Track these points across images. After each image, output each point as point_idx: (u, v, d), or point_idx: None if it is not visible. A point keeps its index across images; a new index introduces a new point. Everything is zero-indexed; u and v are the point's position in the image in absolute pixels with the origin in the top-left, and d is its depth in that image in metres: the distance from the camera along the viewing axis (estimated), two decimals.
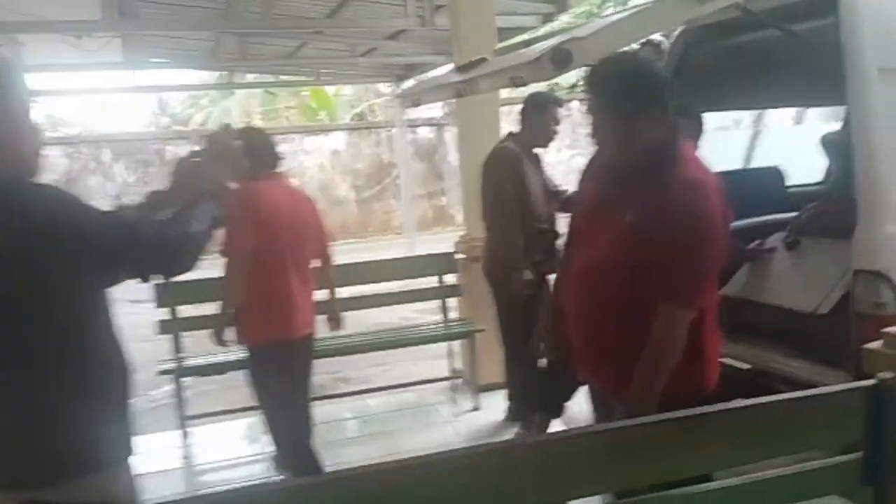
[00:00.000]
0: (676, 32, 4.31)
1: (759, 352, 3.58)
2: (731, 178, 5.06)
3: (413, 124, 15.54)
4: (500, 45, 4.85)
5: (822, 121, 6.18)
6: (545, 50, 2.61)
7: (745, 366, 3.61)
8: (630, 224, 2.20)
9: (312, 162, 16.66)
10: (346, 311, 5.22)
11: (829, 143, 4.85)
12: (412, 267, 5.73)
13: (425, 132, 17.01)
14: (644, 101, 2.18)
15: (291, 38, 8.29)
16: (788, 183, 4.93)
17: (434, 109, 16.95)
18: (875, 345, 2.41)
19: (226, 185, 1.72)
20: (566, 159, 17.40)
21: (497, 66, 2.95)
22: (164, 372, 4.42)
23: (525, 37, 5.89)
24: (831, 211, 3.84)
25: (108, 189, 14.72)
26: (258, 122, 20.05)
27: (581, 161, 2.62)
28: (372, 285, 5.43)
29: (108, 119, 21.45)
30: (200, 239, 1.58)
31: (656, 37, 4.41)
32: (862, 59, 3.05)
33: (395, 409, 5.22)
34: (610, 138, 2.28)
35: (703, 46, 4.19)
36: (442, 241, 7.42)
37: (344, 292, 4.87)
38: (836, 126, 5.43)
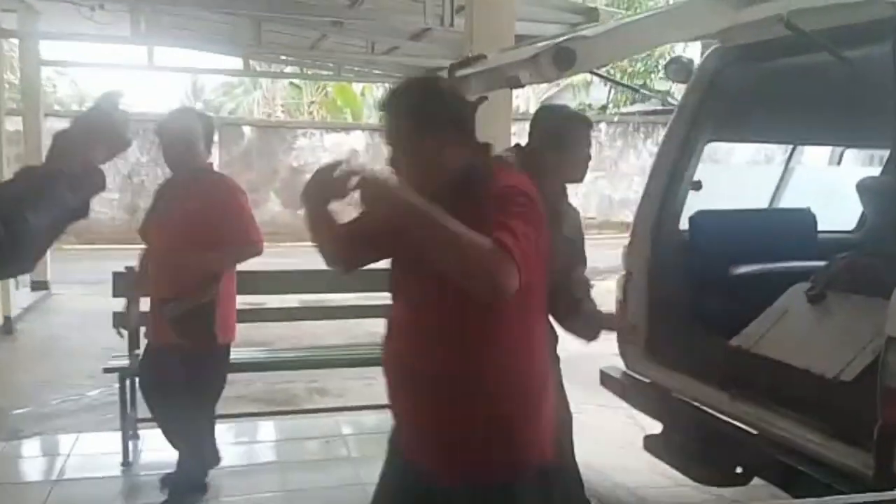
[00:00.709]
0: (709, 50, 3.90)
1: (768, 415, 3.15)
2: (757, 217, 4.73)
3: None
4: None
5: (860, 164, 5.73)
6: (546, 48, 2.22)
7: (753, 431, 3.19)
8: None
9: (330, 160, 16.32)
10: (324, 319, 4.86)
11: (865, 188, 4.40)
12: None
13: None
14: (442, 125, 1.88)
15: (310, 27, 7.98)
16: (820, 228, 4.47)
17: None
18: None
19: (98, 164, 1.33)
20: (589, 181, 16.98)
21: (491, 64, 2.56)
22: (110, 370, 4.05)
23: None
24: (865, 265, 3.40)
25: (120, 167, 14.49)
26: (279, 115, 19.87)
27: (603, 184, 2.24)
28: (360, 293, 5.03)
29: (133, 97, 21.33)
30: (35, 236, 1.20)
31: (685, 56, 4.01)
32: None
33: (366, 432, 4.82)
34: (412, 168, 1.92)
35: (737, 68, 3.77)
36: None
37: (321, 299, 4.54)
38: (875, 170, 5.00)
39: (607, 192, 17.35)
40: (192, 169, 3.55)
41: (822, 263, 3.90)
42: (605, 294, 11.39)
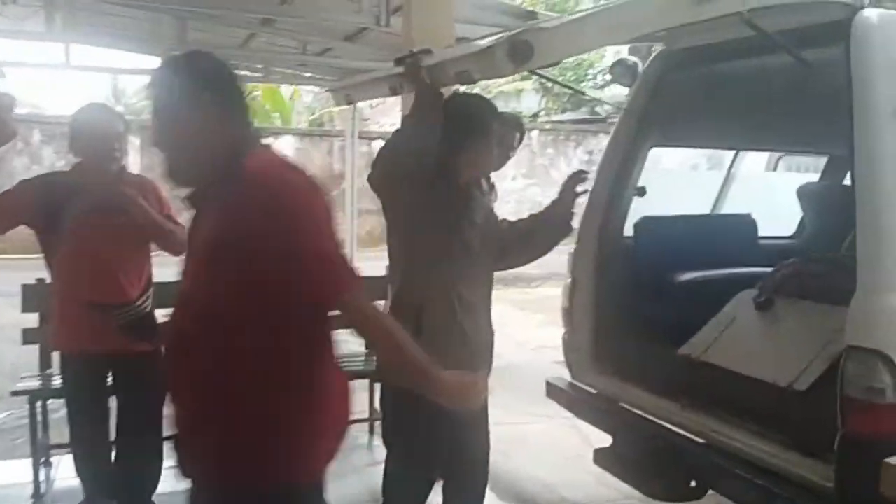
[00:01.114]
0: (655, 53, 3.83)
1: (722, 426, 3.07)
2: (700, 223, 4.71)
3: (367, 136, 14.95)
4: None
5: (794, 170, 5.81)
6: (500, 40, 2.07)
7: (706, 442, 3.10)
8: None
9: None
10: None
11: (806, 194, 4.43)
12: None
13: (380, 145, 16.44)
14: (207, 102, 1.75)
15: (239, 25, 7.66)
16: (761, 233, 4.46)
17: (393, 117, 16.39)
18: None
19: None
20: (520, 188, 17.03)
21: (439, 58, 2.40)
22: (18, 393, 3.68)
23: None
24: (812, 271, 3.37)
25: (34, 172, 13.72)
26: None
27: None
28: None
29: (49, 98, 20.36)
30: None
31: (630, 58, 3.93)
32: (874, 97, 2.59)
33: None
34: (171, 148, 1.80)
35: (683, 71, 3.71)
36: (385, 261, 6.82)
37: None
38: (807, 176, 5.06)
39: (539, 199, 17.39)
40: (117, 169, 3.34)
41: (765, 269, 3.88)
42: (542, 300, 11.36)
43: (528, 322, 9.01)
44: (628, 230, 3.99)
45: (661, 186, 4.17)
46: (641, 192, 3.93)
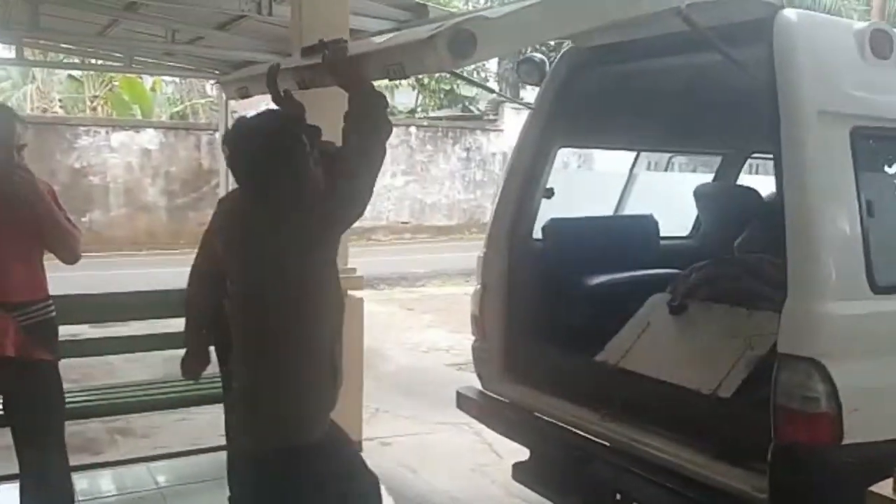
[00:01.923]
0: (563, 51, 3.71)
1: (644, 436, 2.98)
2: (606, 224, 4.67)
3: None
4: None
5: (689, 169, 5.93)
6: (440, 31, 1.83)
7: (630, 453, 3.00)
8: None
9: (119, 160, 14.85)
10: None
11: (702, 195, 4.47)
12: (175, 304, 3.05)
13: None
14: None
15: (99, 10, 6.96)
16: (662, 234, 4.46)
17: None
18: (883, 488, 1.80)
19: None
20: (400, 185, 16.83)
21: (364, 48, 2.13)
22: None
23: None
24: (724, 274, 3.36)
25: None
26: (58, 111, 17.83)
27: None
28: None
29: None
30: None
31: (537, 55, 3.80)
32: (799, 99, 2.55)
33: (187, 481, 4.13)
34: None
35: (591, 70, 3.61)
36: None
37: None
38: (705, 177, 5.15)
39: (419, 196, 17.30)
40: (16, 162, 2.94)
41: (671, 271, 3.87)
42: (429, 300, 11.17)
43: (417, 323, 8.82)
44: (537, 233, 3.86)
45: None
46: (550, 193, 3.82)
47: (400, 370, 6.79)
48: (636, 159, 4.65)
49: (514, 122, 18.65)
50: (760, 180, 4.83)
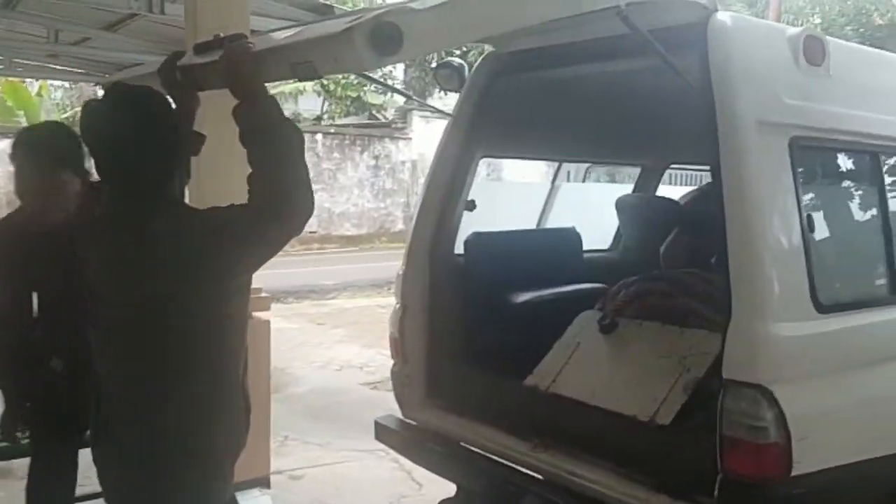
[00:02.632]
0: (483, 56, 3.50)
1: (580, 467, 2.78)
2: (529, 238, 4.48)
3: None
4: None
5: (606, 180, 5.84)
6: (359, 22, 1.56)
7: (557, 484, 2.80)
8: None
9: (2, 170, 13.77)
10: None
11: (625, 206, 4.36)
12: None
13: None
14: None
15: None
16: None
17: None
18: None
19: None
20: None
21: (267, 43, 1.82)
22: None
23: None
24: (654, 290, 3.21)
25: None
26: None
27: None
28: None
29: None
30: None
31: (455, 59, 3.58)
32: (738, 107, 2.41)
33: None
34: None
35: (512, 77, 3.41)
36: None
37: None
38: (624, 187, 5.05)
39: (327, 205, 16.85)
40: None
41: (598, 286, 3.72)
42: (339, 314, 10.76)
43: (327, 339, 8.45)
44: (459, 248, 3.63)
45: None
46: (471, 206, 3.60)
47: (311, 391, 6.42)
48: (558, 170, 4.49)
49: (422, 129, 18.48)
50: (674, 190, 4.79)
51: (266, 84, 1.86)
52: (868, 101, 2.81)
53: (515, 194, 5.92)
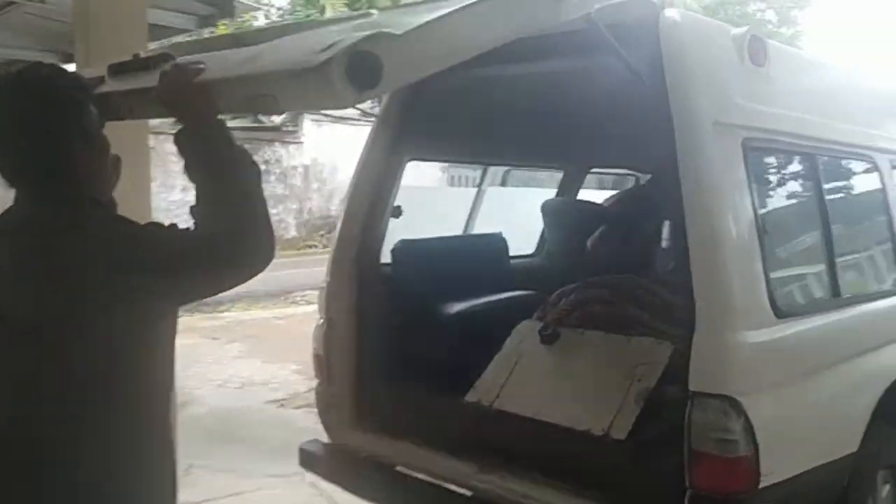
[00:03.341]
0: None
1: (532, 488, 2.63)
2: (458, 245, 4.30)
3: None
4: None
5: (521, 183, 5.75)
6: (336, 55, 1.33)
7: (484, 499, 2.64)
8: None
9: None
10: None
11: (551, 210, 4.27)
12: None
13: None
14: None
15: None
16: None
17: None
18: None
19: None
20: (191, 200, 15.54)
21: (219, 73, 1.51)
22: None
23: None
24: (597, 297, 3.11)
25: None
26: None
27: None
28: None
29: None
30: None
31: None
32: (695, 108, 2.32)
33: None
34: None
35: (441, 76, 3.21)
36: None
37: None
38: (544, 192, 4.97)
39: None
40: None
41: (529, 293, 3.60)
42: (234, 327, 10.22)
43: (224, 354, 7.97)
44: (385, 257, 3.42)
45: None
46: (398, 212, 3.39)
47: (211, 412, 5.98)
48: (484, 173, 4.35)
49: (315, 133, 18.04)
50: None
51: None
52: (804, 104, 2.81)
53: (431, 199, 5.73)
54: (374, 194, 3.25)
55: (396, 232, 3.49)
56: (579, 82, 3.27)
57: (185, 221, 1.57)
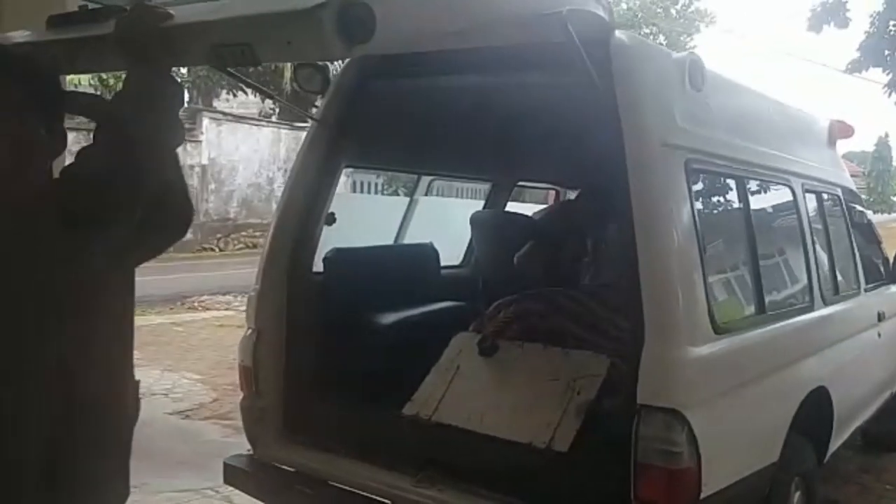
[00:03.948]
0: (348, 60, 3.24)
1: (467, 501, 2.61)
2: (390, 254, 4.23)
3: None
4: None
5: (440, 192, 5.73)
6: (324, 1, 1.27)
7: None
8: None
9: None
10: None
11: (479, 222, 4.28)
12: None
13: None
14: None
15: None
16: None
17: None
18: None
19: None
20: None
21: (190, 16, 1.42)
22: None
23: None
24: (533, 309, 3.14)
25: None
26: None
27: None
28: None
29: None
30: None
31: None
32: (645, 129, 2.38)
33: None
34: None
35: (382, 82, 3.18)
36: None
37: None
38: (469, 201, 4.99)
39: None
40: None
41: (462, 304, 3.60)
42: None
43: None
44: (318, 265, 3.33)
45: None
46: (331, 219, 3.30)
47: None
48: (417, 182, 4.31)
49: (214, 133, 17.48)
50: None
51: None
52: (735, 128, 2.95)
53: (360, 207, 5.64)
54: (308, 200, 3.16)
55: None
56: (517, 96, 3.31)
57: None
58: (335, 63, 4.25)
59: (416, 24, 1.51)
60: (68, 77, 15.71)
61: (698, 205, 2.58)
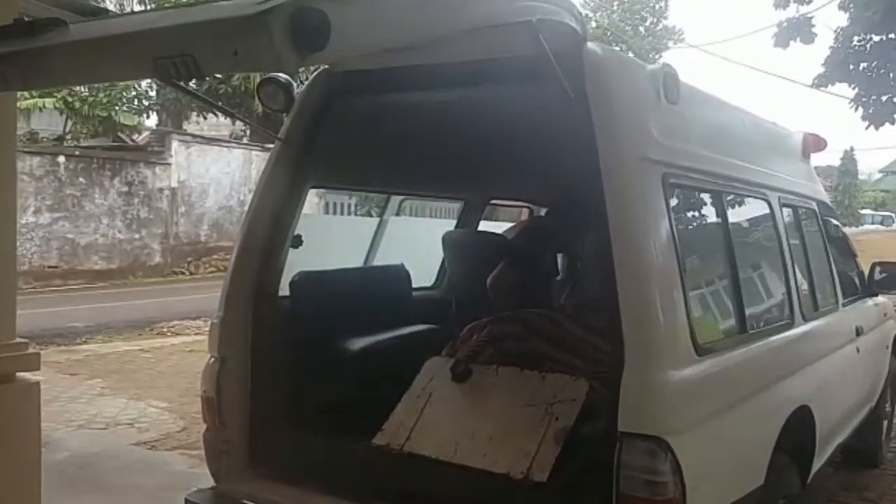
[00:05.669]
0: (314, 75, 3.13)
1: None
2: (360, 277, 4.11)
3: None
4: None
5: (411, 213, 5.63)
6: (275, 8, 1.16)
7: None
8: None
9: None
10: None
11: (452, 242, 4.17)
12: None
13: None
14: None
15: None
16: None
17: None
18: None
19: None
20: (46, 223, 14.42)
21: (115, 29, 1.31)
22: None
23: None
24: (508, 333, 3.02)
25: None
26: None
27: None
28: None
29: None
30: None
31: (282, 75, 3.16)
32: (620, 143, 2.30)
33: None
34: None
35: (347, 99, 3.08)
36: None
37: None
38: (438, 222, 4.88)
39: (71, 237, 14.98)
40: None
41: (434, 327, 3.48)
42: (93, 361, 9.45)
43: (84, 391, 7.30)
44: (284, 289, 3.19)
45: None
46: (298, 241, 3.18)
47: (72, 457, 5.41)
48: (387, 203, 4.20)
49: (183, 155, 17.23)
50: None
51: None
52: (711, 142, 2.87)
53: (329, 228, 5.51)
54: (273, 223, 3.04)
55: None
56: (488, 112, 3.22)
57: (40, 244, 1.35)
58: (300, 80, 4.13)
59: (378, 34, 1.41)
60: (33, 101, 15.32)
61: (677, 221, 2.49)
